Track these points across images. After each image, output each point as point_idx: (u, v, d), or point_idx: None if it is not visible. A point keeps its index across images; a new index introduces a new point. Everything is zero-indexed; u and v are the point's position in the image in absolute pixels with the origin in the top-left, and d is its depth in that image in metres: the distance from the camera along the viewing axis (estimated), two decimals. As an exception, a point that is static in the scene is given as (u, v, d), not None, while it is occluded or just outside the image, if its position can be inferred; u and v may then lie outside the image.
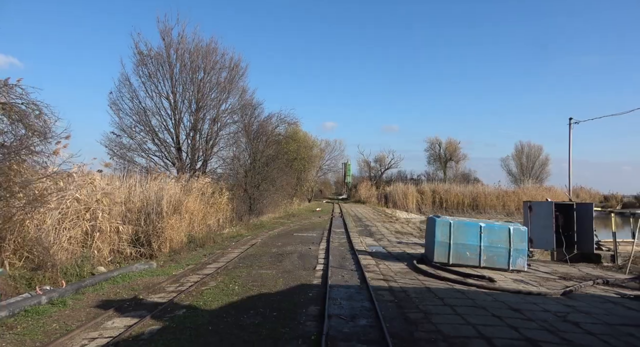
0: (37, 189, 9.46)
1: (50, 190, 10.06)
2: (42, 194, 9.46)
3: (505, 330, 6.04)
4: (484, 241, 11.35)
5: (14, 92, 8.96)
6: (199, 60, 28.37)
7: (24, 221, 9.33)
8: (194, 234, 17.37)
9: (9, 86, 8.92)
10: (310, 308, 7.10)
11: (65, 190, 11.02)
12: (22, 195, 8.96)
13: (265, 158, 29.26)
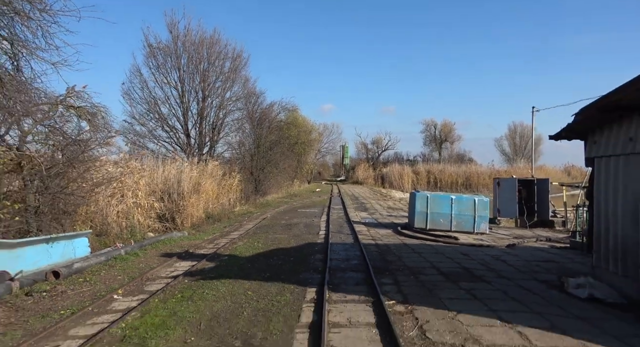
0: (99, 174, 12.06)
1: (105, 175, 12.64)
2: (103, 178, 12.06)
3: (451, 264, 8.79)
4: (454, 210, 14.07)
5: (81, 96, 11.46)
6: (204, 51, 30.59)
7: (90, 198, 11.96)
8: (210, 211, 20.06)
9: (77, 92, 11.41)
10: (317, 255, 9.81)
11: (113, 174, 13.63)
12: (90, 178, 11.56)
13: (269, 143, 31.80)
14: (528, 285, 7.14)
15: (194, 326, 5.29)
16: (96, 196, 12.16)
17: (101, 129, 11.64)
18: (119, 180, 13.20)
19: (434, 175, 62.13)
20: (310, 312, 5.78)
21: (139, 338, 4.85)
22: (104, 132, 11.62)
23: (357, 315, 5.59)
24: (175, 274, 8.03)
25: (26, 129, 9.83)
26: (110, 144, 12.86)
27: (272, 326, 5.27)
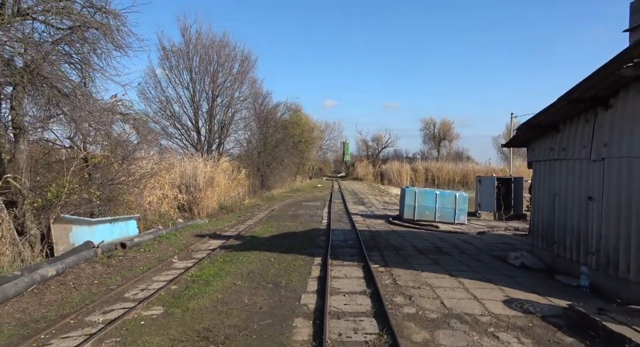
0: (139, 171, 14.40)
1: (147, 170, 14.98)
2: (144, 173, 14.41)
3: (427, 244, 11.16)
4: (438, 203, 16.43)
5: (123, 104, 13.76)
6: (214, 54, 32.90)
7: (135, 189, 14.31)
8: (223, 203, 22.42)
9: (121, 100, 13.71)
10: (321, 238, 12.16)
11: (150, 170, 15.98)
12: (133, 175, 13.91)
13: (275, 141, 34.14)
14: (481, 258, 9.50)
15: (238, 276, 7.65)
16: (138, 187, 14.53)
17: (142, 132, 14.02)
18: (157, 175, 15.53)
19: (431, 172, 64.33)
20: (317, 270, 8.13)
21: (203, 281, 7.22)
22: (144, 134, 14.00)
23: (350, 272, 7.95)
24: (212, 247, 10.40)
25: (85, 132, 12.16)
26: (149, 145, 15.25)
27: (291, 277, 7.63)
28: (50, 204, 8.63)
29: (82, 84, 11.02)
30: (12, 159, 8.38)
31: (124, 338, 4.85)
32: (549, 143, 8.73)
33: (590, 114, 7.23)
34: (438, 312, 5.73)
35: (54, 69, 8.64)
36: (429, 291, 6.74)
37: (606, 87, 6.43)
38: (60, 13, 7.83)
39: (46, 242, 8.63)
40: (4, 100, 8.63)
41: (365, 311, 5.75)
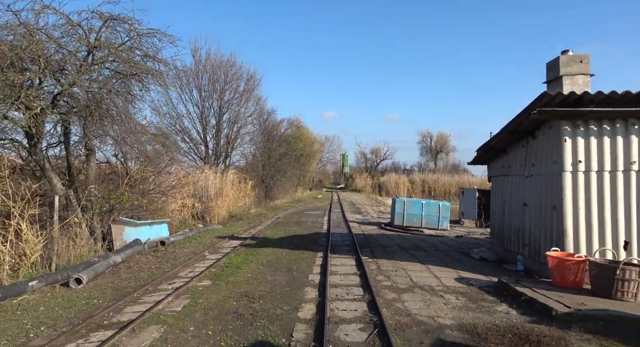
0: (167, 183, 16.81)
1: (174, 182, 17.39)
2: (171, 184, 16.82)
3: (409, 244, 13.51)
4: (424, 212, 18.79)
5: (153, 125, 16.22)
6: (221, 73, 35.63)
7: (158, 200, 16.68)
8: (232, 211, 24.73)
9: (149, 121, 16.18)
10: (322, 239, 14.50)
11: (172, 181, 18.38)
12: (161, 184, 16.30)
13: (278, 155, 36.63)
14: (450, 253, 11.85)
15: (259, 263, 10.00)
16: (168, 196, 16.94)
17: (169, 149, 16.48)
18: (184, 186, 17.94)
19: (428, 184, 66.67)
20: (320, 260, 10.48)
21: (234, 266, 9.56)
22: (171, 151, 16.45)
23: (345, 262, 10.29)
24: (234, 245, 12.74)
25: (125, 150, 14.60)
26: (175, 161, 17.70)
27: (300, 264, 9.97)
28: (111, 208, 11.01)
29: (125, 109, 13.52)
30: (83, 173, 10.79)
31: (192, 295, 7.20)
32: (500, 162, 11.18)
33: (524, 141, 9.70)
34: (406, 284, 8.08)
35: (111, 102, 11.08)
36: (402, 272, 9.10)
37: (531, 123, 8.89)
38: (125, 62, 10.31)
39: (108, 238, 10.99)
40: (74, 127, 11.06)
41: (354, 284, 8.10)
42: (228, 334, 5.43)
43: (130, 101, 11.90)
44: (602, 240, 7.77)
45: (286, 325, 5.78)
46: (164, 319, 5.99)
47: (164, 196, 15.44)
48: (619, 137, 7.81)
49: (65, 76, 9.79)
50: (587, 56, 8.59)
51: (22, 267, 8.22)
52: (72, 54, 9.38)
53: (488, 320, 5.98)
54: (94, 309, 6.52)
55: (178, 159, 29.22)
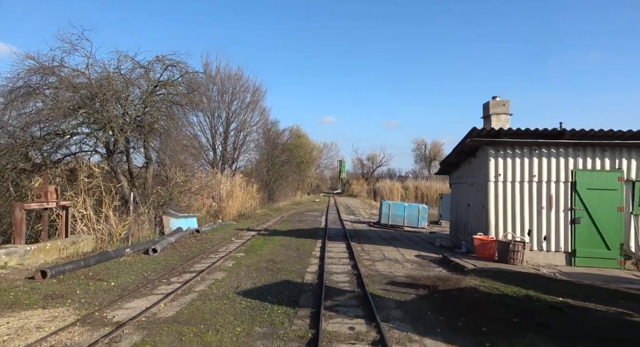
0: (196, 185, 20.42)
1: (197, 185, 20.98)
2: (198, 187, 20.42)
3: (389, 236, 17.16)
4: (406, 212, 22.44)
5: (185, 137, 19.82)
6: (229, 86, 39.39)
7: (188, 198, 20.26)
8: (240, 211, 28.26)
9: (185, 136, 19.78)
10: (321, 232, 18.11)
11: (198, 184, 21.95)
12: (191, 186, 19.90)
13: (281, 161, 40.30)
14: (419, 242, 15.49)
15: (275, 245, 13.60)
16: (195, 196, 20.54)
17: (197, 159, 20.09)
18: (205, 188, 21.56)
19: (421, 190, 70.14)
20: (319, 244, 14.08)
21: (257, 246, 13.16)
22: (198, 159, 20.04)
23: (339, 246, 13.90)
24: (252, 234, 16.34)
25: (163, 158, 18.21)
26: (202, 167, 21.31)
27: (305, 246, 13.57)
28: (162, 203, 14.61)
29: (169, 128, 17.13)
30: (141, 176, 14.41)
31: (235, 259, 10.81)
32: (456, 173, 14.88)
33: (469, 159, 13.39)
34: (379, 257, 11.71)
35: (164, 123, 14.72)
36: (379, 252, 12.74)
37: (471, 147, 12.56)
38: (176, 95, 13.97)
39: (159, 226, 14.57)
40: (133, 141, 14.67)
41: (344, 257, 11.72)
42: (265, 277, 9.03)
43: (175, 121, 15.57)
44: (513, 228, 11.42)
45: (299, 274, 9.39)
46: (223, 269, 9.61)
47: (195, 195, 19.04)
48: (525, 158, 11.49)
49: (136, 106, 13.45)
50: (507, 101, 12.33)
51: (112, 241, 11.82)
52: (145, 93, 13.05)
53: (425, 274, 9.61)
54: (174, 265, 10.10)
55: (203, 166, 32.85)
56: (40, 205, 10.01)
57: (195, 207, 21.29)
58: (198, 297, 7.21)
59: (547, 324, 5.87)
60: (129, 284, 8.08)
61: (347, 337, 5.39)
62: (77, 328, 5.50)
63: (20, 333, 5.26)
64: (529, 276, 9.02)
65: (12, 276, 8.17)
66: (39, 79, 12.81)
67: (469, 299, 7.21)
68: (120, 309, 6.41)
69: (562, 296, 7.43)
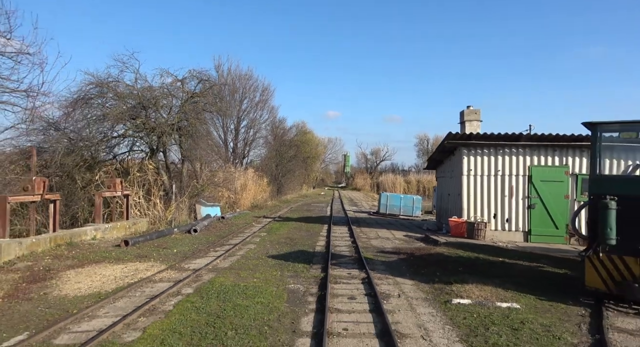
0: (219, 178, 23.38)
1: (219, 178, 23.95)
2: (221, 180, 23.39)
3: (385, 222, 20.06)
4: (402, 203, 25.31)
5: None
6: (240, 86, 42.17)
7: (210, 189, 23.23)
8: (253, 203, 31.19)
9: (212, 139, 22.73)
10: (327, 218, 21.02)
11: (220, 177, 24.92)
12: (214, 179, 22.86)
13: (289, 157, 43.23)
14: (410, 227, 18.35)
15: (289, 228, 16.52)
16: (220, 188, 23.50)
17: (220, 156, 23.01)
18: (226, 181, 24.54)
19: (423, 184, 72.81)
20: (326, 228, 16.97)
21: (275, 229, 16.09)
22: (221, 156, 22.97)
23: (342, 228, 16.81)
24: (268, 220, 19.28)
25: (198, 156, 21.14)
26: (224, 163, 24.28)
27: (314, 229, 16.48)
28: (195, 193, 17.56)
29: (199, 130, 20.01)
30: (177, 171, 17.34)
31: (260, 238, 13.74)
32: (440, 168, 17.70)
33: (449, 156, 16.19)
34: (374, 236, 14.60)
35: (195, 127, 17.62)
36: (375, 233, 15.63)
37: (450, 147, 15.35)
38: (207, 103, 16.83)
39: (193, 213, 17.53)
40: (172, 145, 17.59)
41: (346, 236, 14.62)
42: (285, 248, 11.93)
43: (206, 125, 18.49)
44: (482, 213, 14.25)
45: (311, 246, 12.30)
46: (253, 243, 12.56)
47: (217, 187, 22.01)
48: (491, 156, 14.28)
49: (175, 113, 16.36)
50: (479, 110, 15.11)
51: (160, 223, 14.79)
52: (183, 102, 15.96)
53: (407, 246, 12.49)
54: (213, 241, 13.05)
55: (216, 161, 35.51)
56: (111, 193, 12.97)
57: (216, 198, 24.25)
58: (241, 258, 10.15)
59: (480, 271, 8.74)
60: (187, 251, 11.03)
61: (346, 277, 8.29)
62: (170, 271, 8.45)
63: (136, 273, 8.21)
64: (485, 247, 11.87)
65: (103, 244, 11.15)
66: (96, 91, 15.73)
67: (434, 260, 10.10)
68: (191, 263, 9.35)
69: (502, 257, 10.30)
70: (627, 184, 6.45)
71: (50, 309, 5.94)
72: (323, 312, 5.81)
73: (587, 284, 6.58)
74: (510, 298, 6.72)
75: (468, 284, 7.49)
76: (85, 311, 5.71)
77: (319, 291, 7.15)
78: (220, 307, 6.03)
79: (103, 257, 9.61)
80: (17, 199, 9.43)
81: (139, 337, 4.87)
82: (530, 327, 5.42)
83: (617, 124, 6.79)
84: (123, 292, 6.75)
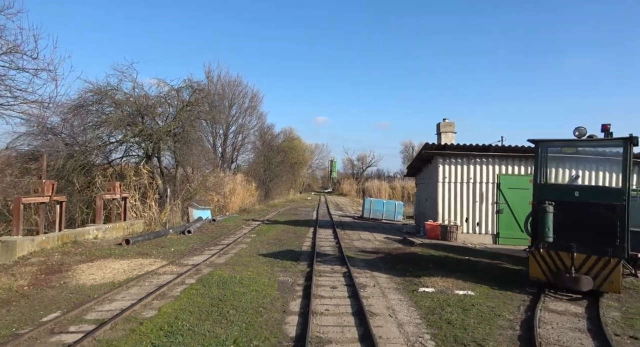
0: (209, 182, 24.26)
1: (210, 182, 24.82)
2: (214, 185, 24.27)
3: (368, 226, 21.24)
4: (384, 208, 26.56)
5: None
6: (230, 92, 43.08)
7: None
8: (242, 207, 32.08)
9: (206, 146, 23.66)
10: (313, 222, 22.09)
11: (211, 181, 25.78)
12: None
13: (276, 162, 44.21)
14: (391, 230, 19.56)
15: (277, 230, 17.54)
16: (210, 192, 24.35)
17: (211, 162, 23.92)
18: (219, 186, 25.42)
19: (407, 190, 74.42)
20: (312, 231, 18.05)
21: (264, 231, 17.10)
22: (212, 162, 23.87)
23: (327, 231, 17.91)
24: (257, 223, 20.25)
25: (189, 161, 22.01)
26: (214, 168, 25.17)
27: (301, 231, 17.54)
28: (187, 197, 18.45)
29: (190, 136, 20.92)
30: (171, 175, 18.24)
31: (251, 239, 14.74)
32: (420, 175, 19.00)
33: (427, 165, 17.48)
34: (357, 238, 15.73)
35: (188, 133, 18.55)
36: (357, 235, 16.77)
37: (427, 156, 16.63)
38: (200, 111, 17.80)
39: (185, 215, 18.40)
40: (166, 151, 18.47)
41: (331, 238, 15.71)
42: (274, 247, 12.96)
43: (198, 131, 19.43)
44: (455, 217, 15.52)
45: (298, 246, 13.36)
46: (244, 243, 13.56)
47: (208, 191, 22.90)
48: (464, 165, 15.60)
49: (170, 121, 17.29)
50: (453, 123, 16.46)
51: (155, 225, 15.66)
52: (178, 110, 16.92)
53: (386, 247, 13.65)
54: (207, 241, 13.99)
55: (205, 166, 36.12)
56: (111, 196, 13.83)
57: (207, 201, 25.10)
58: (234, 255, 11.16)
59: (447, 267, 9.93)
60: (183, 250, 11.98)
61: (329, 272, 9.38)
62: (171, 266, 9.42)
63: (141, 267, 9.16)
64: (456, 247, 13.12)
65: (105, 243, 12.02)
66: (95, 99, 16.57)
67: (408, 258, 11.28)
68: (189, 260, 10.32)
69: (468, 256, 11.53)
70: (561, 191, 7.73)
71: (73, 294, 6.88)
72: (309, 298, 6.88)
73: (531, 275, 7.82)
74: (468, 287, 7.91)
75: (434, 277, 8.67)
76: (105, 296, 6.68)
77: (305, 282, 8.23)
78: (221, 293, 7.07)
79: (108, 253, 10.51)
80: (29, 200, 10.27)
81: (155, 314, 5.88)
82: (479, 308, 6.60)
83: (557, 141, 8.09)
84: (134, 281, 7.72)
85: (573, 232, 7.25)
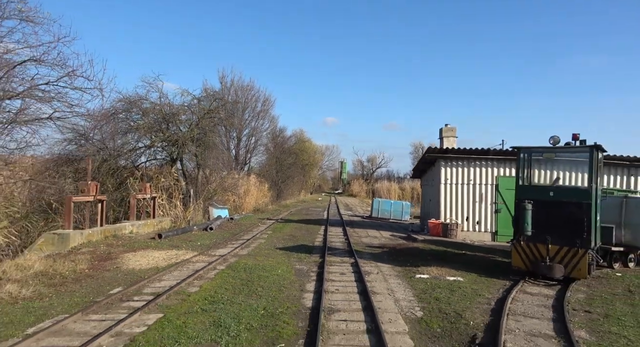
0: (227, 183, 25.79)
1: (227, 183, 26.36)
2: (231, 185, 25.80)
3: (376, 224, 22.50)
4: (392, 208, 27.77)
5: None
6: (242, 96, 44.68)
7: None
8: (255, 206, 33.56)
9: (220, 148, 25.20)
10: (324, 221, 23.43)
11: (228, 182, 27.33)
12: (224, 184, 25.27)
13: (288, 164, 45.70)
14: (397, 228, 20.78)
15: (291, 228, 18.92)
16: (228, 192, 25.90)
17: (228, 164, 25.44)
18: (236, 187, 26.96)
19: (416, 191, 75.21)
20: (323, 228, 19.37)
21: (279, 228, 18.49)
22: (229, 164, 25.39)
23: (337, 228, 19.23)
24: (272, 222, 21.66)
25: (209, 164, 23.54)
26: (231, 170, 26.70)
27: (313, 229, 18.88)
28: (208, 197, 19.94)
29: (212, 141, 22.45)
30: (193, 176, 19.76)
31: (267, 235, 16.14)
32: (424, 177, 20.20)
33: (431, 167, 18.68)
34: (365, 235, 17.02)
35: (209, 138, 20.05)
36: (365, 232, 18.05)
37: (430, 159, 17.84)
38: (220, 118, 19.29)
39: (207, 214, 19.90)
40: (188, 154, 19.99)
41: (340, 234, 17.02)
42: (289, 242, 14.33)
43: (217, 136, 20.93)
44: (456, 216, 16.70)
45: (311, 241, 14.71)
46: (262, 238, 14.96)
47: (226, 191, 24.42)
48: (465, 168, 16.78)
49: (193, 127, 18.82)
50: (455, 128, 17.64)
51: (180, 222, 17.16)
52: (200, 118, 18.43)
53: (391, 242, 14.92)
54: (228, 236, 15.42)
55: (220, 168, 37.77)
56: (142, 196, 15.37)
57: (224, 201, 26.63)
58: (255, 248, 12.56)
59: (444, 259, 11.18)
60: (209, 244, 13.42)
61: (339, 262, 10.71)
62: (202, 256, 10.85)
63: (177, 256, 10.61)
64: (456, 243, 14.33)
65: (140, 237, 13.53)
66: (124, 107, 18.17)
67: (410, 252, 12.54)
68: (216, 251, 11.75)
69: (465, 251, 12.75)
70: (538, 191, 8.94)
71: (127, 276, 8.34)
72: (321, 281, 8.22)
73: (513, 264, 9.05)
74: (458, 275, 9.17)
75: (431, 267, 9.94)
76: (154, 277, 8.11)
77: (318, 269, 9.58)
78: (248, 276, 8.45)
79: (146, 245, 12.00)
80: (79, 199, 11.81)
81: (198, 289, 7.28)
82: (464, 290, 7.86)
83: (535, 148, 9.30)
84: (174, 267, 9.15)
85: (548, 227, 8.47)
